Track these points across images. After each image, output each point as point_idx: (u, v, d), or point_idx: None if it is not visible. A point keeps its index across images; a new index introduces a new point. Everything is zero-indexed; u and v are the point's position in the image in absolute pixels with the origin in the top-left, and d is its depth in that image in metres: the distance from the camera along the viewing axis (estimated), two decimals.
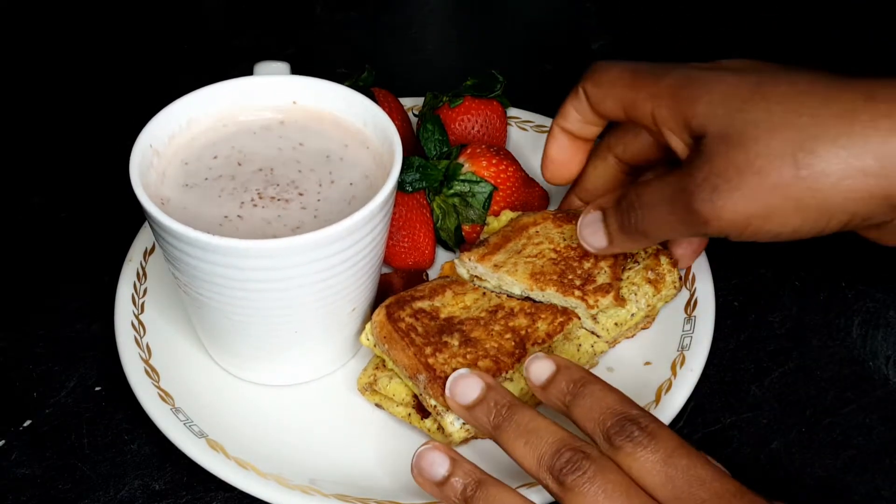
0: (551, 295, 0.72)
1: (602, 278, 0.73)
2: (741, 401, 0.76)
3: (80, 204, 0.93)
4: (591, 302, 0.72)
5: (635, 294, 0.74)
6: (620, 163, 0.77)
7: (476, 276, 0.75)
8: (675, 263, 0.77)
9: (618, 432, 0.58)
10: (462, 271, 0.76)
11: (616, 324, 0.73)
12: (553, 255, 0.75)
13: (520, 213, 0.81)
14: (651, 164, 0.76)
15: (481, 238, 0.80)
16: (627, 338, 0.76)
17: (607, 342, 0.75)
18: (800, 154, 0.59)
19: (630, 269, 0.75)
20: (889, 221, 0.63)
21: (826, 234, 0.63)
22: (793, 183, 0.60)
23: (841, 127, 0.59)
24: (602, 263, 0.74)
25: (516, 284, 0.73)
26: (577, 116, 0.74)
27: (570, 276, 0.73)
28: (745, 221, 0.61)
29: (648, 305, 0.74)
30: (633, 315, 0.74)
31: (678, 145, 0.66)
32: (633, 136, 0.75)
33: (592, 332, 0.74)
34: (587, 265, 0.74)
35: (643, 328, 0.77)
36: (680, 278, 0.74)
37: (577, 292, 0.72)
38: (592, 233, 0.72)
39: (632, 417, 0.58)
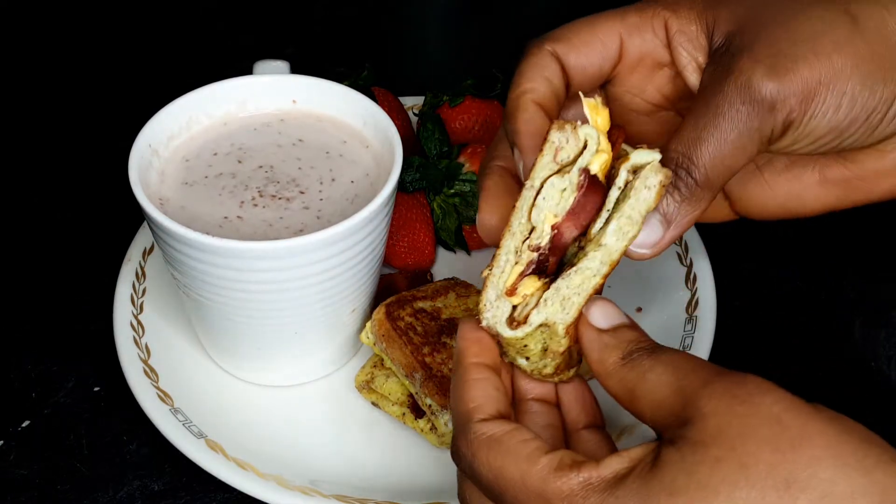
0: None
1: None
2: None
3: (80, 204, 0.93)
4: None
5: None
6: None
7: None
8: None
9: None
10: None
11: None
12: None
13: None
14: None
15: None
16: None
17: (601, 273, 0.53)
18: (852, 6, 0.57)
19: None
20: None
21: (878, 119, 0.58)
22: (850, 38, 0.56)
23: None
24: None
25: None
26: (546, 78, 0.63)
27: None
28: (813, 90, 0.56)
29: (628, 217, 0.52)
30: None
31: (691, 62, 0.61)
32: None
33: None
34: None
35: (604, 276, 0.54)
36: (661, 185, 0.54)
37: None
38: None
39: None
